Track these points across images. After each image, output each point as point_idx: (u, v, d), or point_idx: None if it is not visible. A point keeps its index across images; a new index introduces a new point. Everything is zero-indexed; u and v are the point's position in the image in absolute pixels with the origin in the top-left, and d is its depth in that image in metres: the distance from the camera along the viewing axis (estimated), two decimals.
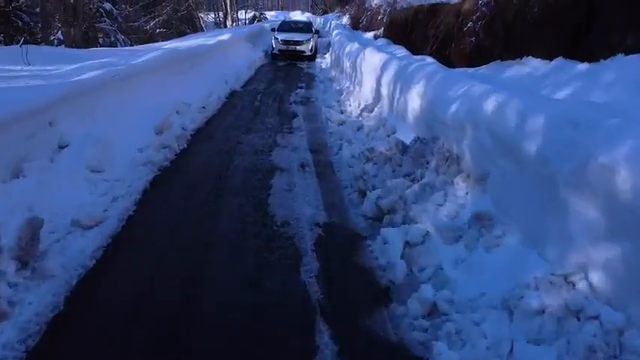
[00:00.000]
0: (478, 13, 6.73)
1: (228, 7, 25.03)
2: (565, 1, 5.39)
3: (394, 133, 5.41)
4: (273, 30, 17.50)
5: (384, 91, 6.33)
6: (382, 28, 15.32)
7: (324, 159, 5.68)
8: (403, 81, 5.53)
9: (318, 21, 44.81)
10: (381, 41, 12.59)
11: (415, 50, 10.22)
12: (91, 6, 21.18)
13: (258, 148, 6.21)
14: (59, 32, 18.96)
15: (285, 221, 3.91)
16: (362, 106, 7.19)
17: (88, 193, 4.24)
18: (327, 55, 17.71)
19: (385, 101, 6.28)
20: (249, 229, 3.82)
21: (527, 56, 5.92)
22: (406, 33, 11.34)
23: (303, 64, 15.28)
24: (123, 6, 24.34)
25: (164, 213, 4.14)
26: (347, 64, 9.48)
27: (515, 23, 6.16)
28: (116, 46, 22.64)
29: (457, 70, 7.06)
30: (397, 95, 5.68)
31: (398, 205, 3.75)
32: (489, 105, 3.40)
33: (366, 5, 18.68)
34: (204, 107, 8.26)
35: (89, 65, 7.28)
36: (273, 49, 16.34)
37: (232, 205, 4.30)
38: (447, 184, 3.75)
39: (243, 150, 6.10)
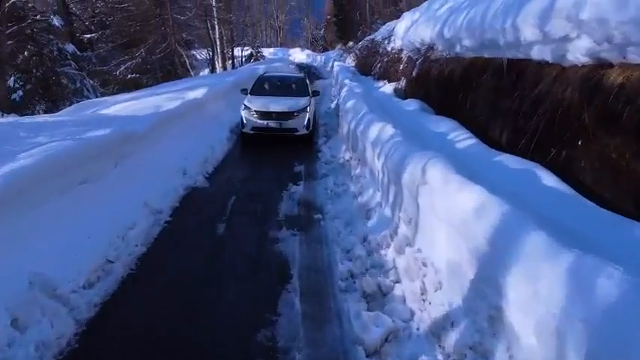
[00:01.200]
0: None
1: (218, 46, 21.30)
2: None
3: None
4: (244, 92, 10.17)
5: (532, 338, 2.21)
6: (404, 80, 11.45)
7: None
8: None
9: (319, 59, 41.35)
10: (412, 104, 8.63)
11: (481, 133, 6.21)
12: (52, 47, 17.46)
13: None
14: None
15: None
16: (433, 301, 3.10)
17: None
18: (332, 105, 13.83)
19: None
20: None
21: None
22: (456, 98, 7.37)
23: None
24: (101, 45, 20.65)
25: None
26: (375, 162, 5.42)
27: None
28: (82, 94, 18.93)
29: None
30: None
31: None
32: None
33: (380, 49, 14.90)
34: (108, 262, 4.17)
35: None
36: (243, 125, 9.33)
37: None
38: None
39: None
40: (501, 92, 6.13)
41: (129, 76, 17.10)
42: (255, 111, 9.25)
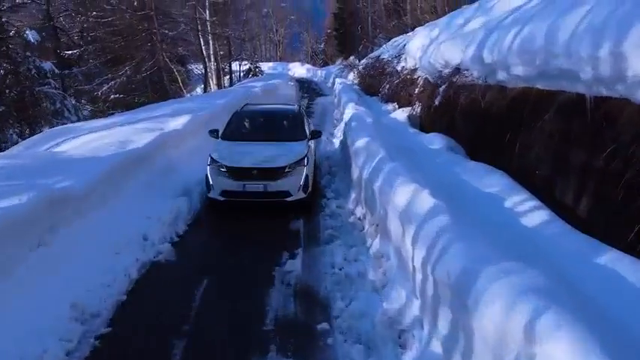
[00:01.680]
0: None
1: (212, 63, 19.63)
2: None
3: None
4: (213, 135, 7.33)
5: None
6: (419, 106, 9.76)
7: None
8: None
9: (319, 74, 39.64)
10: (437, 141, 6.90)
11: (544, 194, 4.47)
12: (29, 66, 15.77)
13: None
14: None
15: None
16: None
17: None
18: (336, 132, 12.10)
19: None
20: None
21: None
22: (498, 138, 5.65)
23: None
24: (84, 62, 18.93)
25: None
26: (407, 246, 3.64)
27: None
28: (62, 115, 17.22)
29: None
30: None
31: None
32: None
33: (389, 68, 13.22)
34: None
35: None
36: (209, 188, 6.43)
37: None
38: None
39: None
40: (575, 140, 4.39)
41: (112, 96, 15.37)
42: (226, 167, 6.27)
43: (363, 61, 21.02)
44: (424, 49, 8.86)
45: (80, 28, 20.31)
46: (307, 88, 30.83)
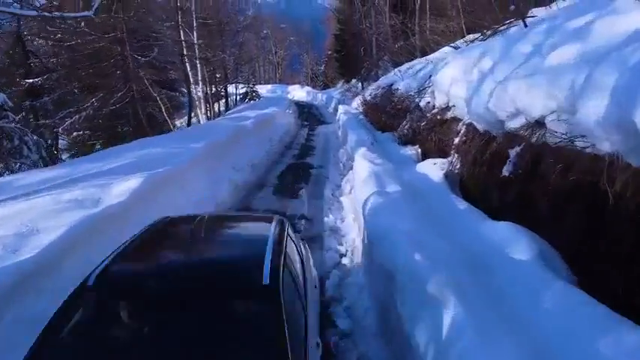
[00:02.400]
0: None
1: (200, 91, 16.99)
2: None
3: None
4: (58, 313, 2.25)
5: None
6: (458, 160, 7.06)
7: None
8: None
9: (319, 97, 37.19)
10: (518, 242, 4.13)
11: None
12: None
13: None
14: None
15: None
16: None
17: None
18: (344, 184, 9.47)
19: None
20: None
21: None
22: None
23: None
24: (45, 94, 16.17)
25: None
26: None
27: None
28: (22, 153, 14.54)
29: None
30: None
31: None
32: None
33: (409, 103, 10.51)
34: None
35: None
36: None
37: None
38: None
39: None
40: None
41: (74, 133, 12.69)
42: None
43: (372, 89, 18.43)
44: (474, 86, 6.15)
45: (52, 52, 17.74)
46: (307, 113, 28.36)
